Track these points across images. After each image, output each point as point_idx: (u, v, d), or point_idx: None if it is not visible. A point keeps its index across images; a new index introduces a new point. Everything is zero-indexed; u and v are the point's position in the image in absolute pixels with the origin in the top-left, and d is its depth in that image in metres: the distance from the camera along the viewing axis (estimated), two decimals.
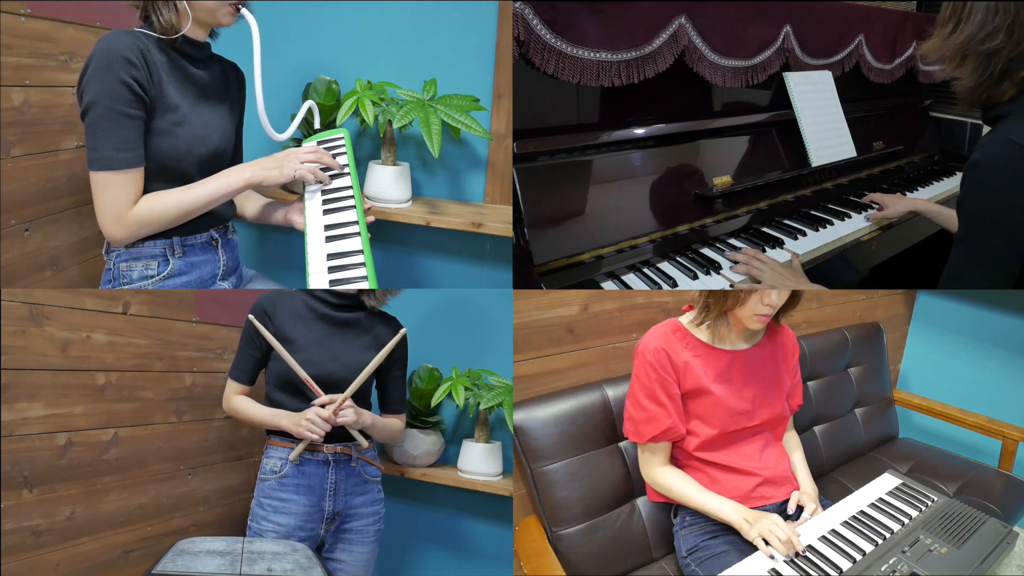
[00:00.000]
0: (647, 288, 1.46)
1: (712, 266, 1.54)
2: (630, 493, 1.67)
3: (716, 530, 1.45)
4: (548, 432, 1.58)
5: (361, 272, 1.30)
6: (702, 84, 1.73)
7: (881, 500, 1.44)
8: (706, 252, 1.62)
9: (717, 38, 1.67)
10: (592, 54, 1.40)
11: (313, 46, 1.93)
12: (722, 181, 1.77)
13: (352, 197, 1.45)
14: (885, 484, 1.51)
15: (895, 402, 2.66)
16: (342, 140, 1.59)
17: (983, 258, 1.23)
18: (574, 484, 1.58)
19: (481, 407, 1.87)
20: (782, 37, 1.89)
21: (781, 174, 1.93)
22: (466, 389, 1.90)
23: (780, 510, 1.49)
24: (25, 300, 1.37)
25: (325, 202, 1.46)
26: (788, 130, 1.99)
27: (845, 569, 1.20)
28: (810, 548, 1.27)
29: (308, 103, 1.67)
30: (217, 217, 1.49)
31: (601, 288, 1.44)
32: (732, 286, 1.48)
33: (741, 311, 1.41)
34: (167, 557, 1.25)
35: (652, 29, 1.51)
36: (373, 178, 1.85)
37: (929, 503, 1.44)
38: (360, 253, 1.35)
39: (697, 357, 1.46)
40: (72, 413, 1.47)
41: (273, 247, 2.12)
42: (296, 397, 1.60)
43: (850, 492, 1.50)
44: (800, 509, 1.47)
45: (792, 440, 1.66)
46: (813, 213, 1.94)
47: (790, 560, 1.24)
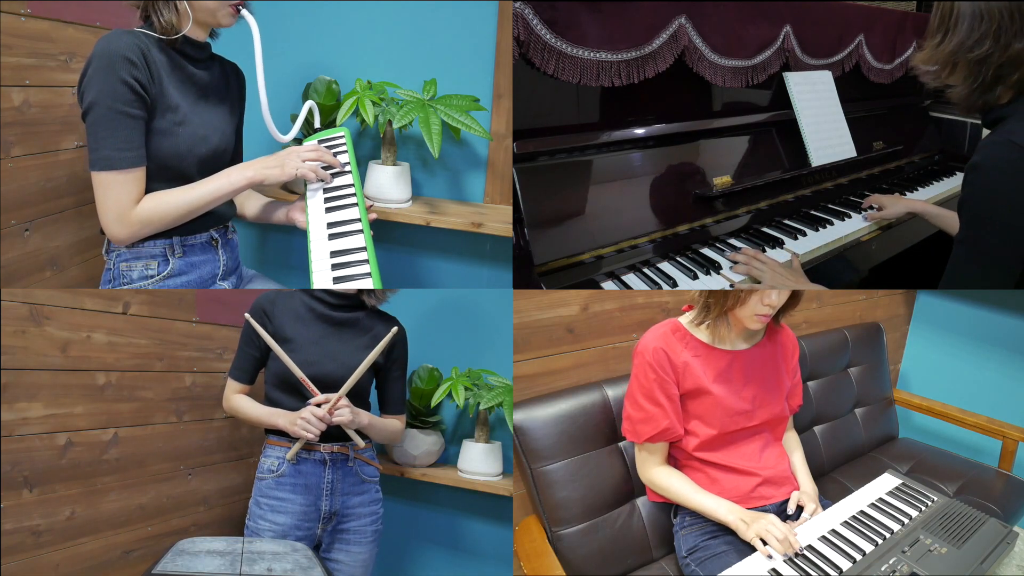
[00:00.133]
0: (647, 288, 1.46)
1: (712, 266, 1.54)
2: (630, 493, 1.67)
3: (716, 530, 1.45)
4: (548, 432, 1.59)
5: (365, 269, 1.30)
6: (702, 84, 1.73)
7: (881, 500, 1.44)
8: (706, 252, 1.62)
9: (717, 38, 1.67)
10: (592, 54, 1.40)
11: (313, 46, 1.93)
12: (722, 181, 1.77)
13: (354, 195, 1.45)
14: (885, 484, 1.51)
15: (895, 402, 2.66)
16: (343, 138, 1.59)
17: (984, 258, 1.23)
18: (574, 484, 1.58)
19: (481, 407, 1.87)
20: (782, 37, 1.89)
21: (781, 174, 1.93)
22: (466, 389, 1.90)
23: (780, 510, 1.49)
24: (25, 300, 1.37)
25: (327, 200, 1.46)
26: (788, 130, 1.99)
27: (845, 569, 1.20)
28: (810, 548, 1.27)
29: (309, 103, 1.67)
30: (217, 217, 1.49)
31: (601, 288, 1.44)
32: (732, 286, 1.48)
33: (741, 311, 1.41)
34: (167, 557, 1.25)
35: (652, 29, 1.51)
36: (373, 178, 1.85)
37: (929, 503, 1.44)
38: (363, 250, 1.35)
39: (697, 357, 1.46)
40: (72, 413, 1.47)
41: (273, 247, 2.12)
42: (294, 396, 1.60)
43: (850, 492, 1.50)
44: (800, 509, 1.47)
45: (792, 440, 1.66)
46: (813, 213, 1.94)
47: (790, 560, 1.24)
